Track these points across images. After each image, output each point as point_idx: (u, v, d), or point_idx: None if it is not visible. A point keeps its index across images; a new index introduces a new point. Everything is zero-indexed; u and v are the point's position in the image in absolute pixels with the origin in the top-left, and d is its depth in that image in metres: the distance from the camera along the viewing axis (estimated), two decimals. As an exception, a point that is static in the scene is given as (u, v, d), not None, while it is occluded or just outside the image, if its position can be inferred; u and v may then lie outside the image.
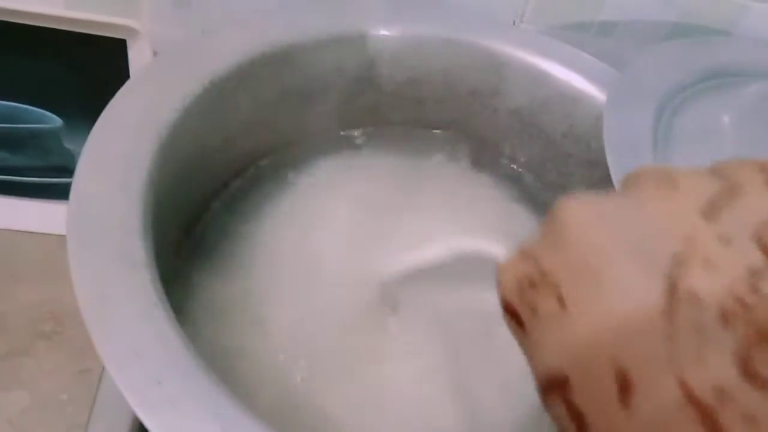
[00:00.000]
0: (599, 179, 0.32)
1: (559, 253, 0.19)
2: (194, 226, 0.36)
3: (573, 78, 0.38)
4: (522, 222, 0.40)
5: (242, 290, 0.34)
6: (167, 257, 0.31)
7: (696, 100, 0.37)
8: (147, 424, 0.20)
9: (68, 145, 0.49)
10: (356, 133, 0.42)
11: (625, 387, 0.17)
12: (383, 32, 0.38)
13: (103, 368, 0.43)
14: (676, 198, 0.18)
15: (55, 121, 0.48)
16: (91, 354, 0.44)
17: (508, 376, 0.32)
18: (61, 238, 0.49)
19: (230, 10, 0.44)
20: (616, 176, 0.32)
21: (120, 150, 0.28)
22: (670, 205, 0.18)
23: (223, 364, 0.31)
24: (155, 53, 0.45)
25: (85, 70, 0.47)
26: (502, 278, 0.21)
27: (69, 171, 0.50)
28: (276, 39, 0.35)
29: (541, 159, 0.41)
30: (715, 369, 0.16)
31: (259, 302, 0.33)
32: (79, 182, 0.26)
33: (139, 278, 0.24)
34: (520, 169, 0.43)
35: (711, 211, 0.17)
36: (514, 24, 0.45)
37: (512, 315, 0.20)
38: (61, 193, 0.50)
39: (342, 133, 0.42)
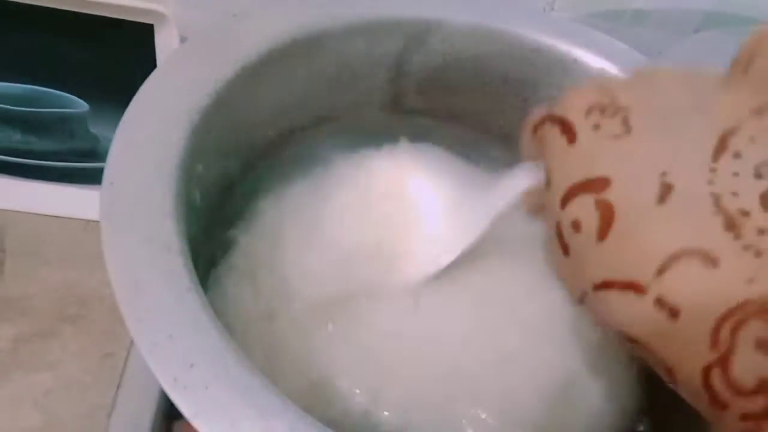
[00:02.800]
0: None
1: (639, 92, 0.21)
2: (224, 208, 0.36)
3: (606, 66, 0.37)
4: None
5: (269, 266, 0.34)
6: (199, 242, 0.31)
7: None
8: (179, 405, 0.20)
9: (94, 129, 0.50)
10: (386, 121, 0.42)
11: (665, 191, 0.19)
12: (414, 18, 0.38)
13: (128, 352, 0.44)
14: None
15: (81, 105, 0.49)
16: (116, 338, 0.45)
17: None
18: (86, 223, 0.50)
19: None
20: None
21: (152, 135, 0.28)
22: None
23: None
24: (182, 38, 0.45)
25: (111, 55, 0.47)
26: (572, 100, 0.23)
27: (95, 156, 0.51)
28: (307, 24, 0.35)
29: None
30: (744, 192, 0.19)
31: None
32: (111, 167, 0.26)
33: (173, 262, 0.24)
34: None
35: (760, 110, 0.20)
36: (545, 12, 0.44)
37: (565, 129, 0.22)
38: (86, 177, 0.50)
39: (373, 119, 0.41)
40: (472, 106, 0.42)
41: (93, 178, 0.50)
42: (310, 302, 0.32)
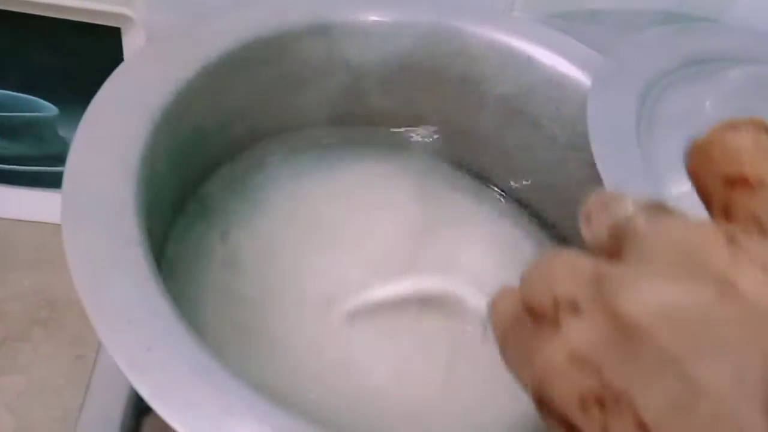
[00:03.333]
0: (585, 162, 0.32)
1: (632, 365, 0.15)
2: (187, 206, 0.37)
3: (559, 63, 0.39)
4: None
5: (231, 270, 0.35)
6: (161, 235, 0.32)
7: (679, 85, 0.38)
8: (137, 386, 0.21)
9: (63, 133, 0.50)
10: (347, 120, 0.43)
11: None
12: (373, 18, 0.39)
13: (97, 354, 0.44)
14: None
15: (50, 109, 0.49)
16: (87, 340, 0.45)
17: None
18: (56, 227, 0.50)
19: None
20: (600, 159, 0.32)
21: (113, 132, 0.29)
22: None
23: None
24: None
25: (80, 59, 0.47)
26: (556, 387, 0.17)
27: (64, 160, 0.51)
28: (267, 25, 0.36)
29: (528, 144, 0.42)
30: None
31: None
32: (72, 162, 0.27)
33: (133, 254, 0.25)
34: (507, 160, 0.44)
35: None
36: (504, 13, 0.45)
37: (568, 428, 0.17)
38: (56, 181, 0.50)
39: (334, 119, 0.43)
40: (432, 104, 0.43)
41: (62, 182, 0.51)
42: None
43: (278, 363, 0.32)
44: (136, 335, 0.23)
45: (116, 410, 0.38)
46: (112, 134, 0.28)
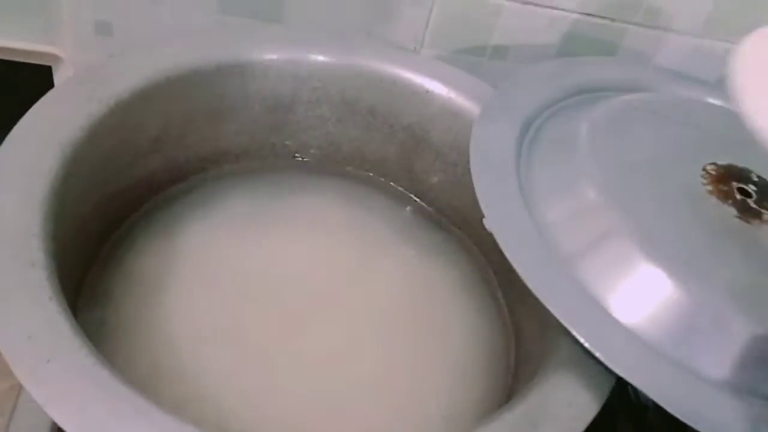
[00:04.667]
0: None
1: None
2: (106, 239, 0.39)
3: (453, 95, 0.42)
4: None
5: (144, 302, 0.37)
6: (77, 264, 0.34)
7: (561, 114, 0.41)
8: (34, 395, 0.23)
9: None
10: (265, 152, 0.46)
11: None
12: (283, 56, 0.42)
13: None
14: None
15: None
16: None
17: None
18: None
19: (151, 37, 0.47)
20: (478, 187, 0.35)
21: (24, 164, 0.31)
22: None
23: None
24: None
25: (11, 95, 0.49)
26: None
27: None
28: (180, 63, 0.39)
29: (431, 168, 0.45)
30: None
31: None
32: (-18, 193, 0.29)
33: (36, 275, 0.27)
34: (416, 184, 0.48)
35: None
36: (414, 50, 0.49)
37: None
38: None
39: (251, 151, 0.46)
40: (345, 134, 0.46)
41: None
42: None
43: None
44: (36, 349, 0.25)
45: None
46: (22, 166, 0.31)
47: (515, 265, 0.32)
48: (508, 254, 0.32)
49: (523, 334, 0.41)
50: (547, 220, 0.35)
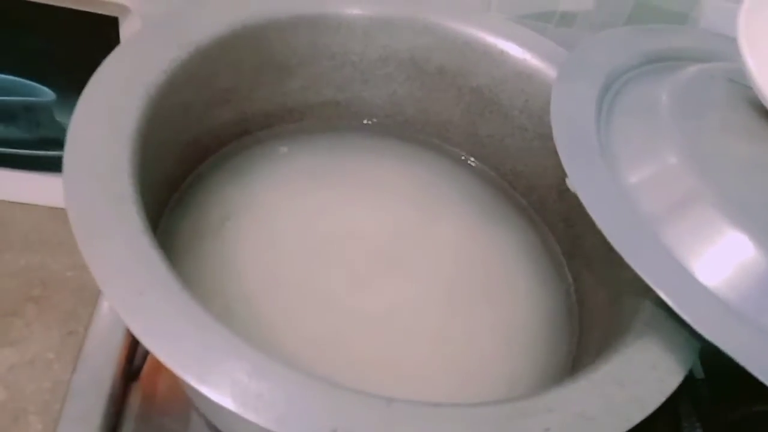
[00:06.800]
0: (552, 150, 0.35)
1: None
2: (182, 181, 0.39)
3: (528, 57, 0.42)
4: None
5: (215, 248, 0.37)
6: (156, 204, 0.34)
7: (639, 80, 0.41)
8: (129, 325, 0.24)
9: (60, 118, 0.51)
10: (329, 112, 0.46)
11: None
12: (355, 11, 0.42)
13: (88, 327, 0.46)
14: None
15: (47, 94, 0.50)
16: (78, 317, 0.47)
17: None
18: (51, 210, 0.52)
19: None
20: (561, 146, 0.35)
21: (111, 104, 0.31)
22: None
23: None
24: (145, 30, 0.48)
25: (78, 45, 0.49)
26: None
27: (60, 144, 0.52)
28: (255, 14, 0.39)
29: (501, 134, 0.45)
30: None
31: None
32: (74, 128, 0.29)
33: (127, 210, 0.27)
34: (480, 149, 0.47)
35: None
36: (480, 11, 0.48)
37: None
38: (52, 165, 0.52)
39: (317, 107, 0.45)
40: (411, 95, 0.46)
41: (58, 166, 0.52)
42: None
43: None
44: (129, 281, 0.25)
45: (106, 376, 0.40)
46: (110, 105, 0.31)
47: (600, 224, 0.31)
48: (592, 214, 0.31)
49: (587, 301, 0.41)
50: (629, 183, 0.34)
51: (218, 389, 0.23)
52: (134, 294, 0.25)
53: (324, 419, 0.23)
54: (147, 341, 0.24)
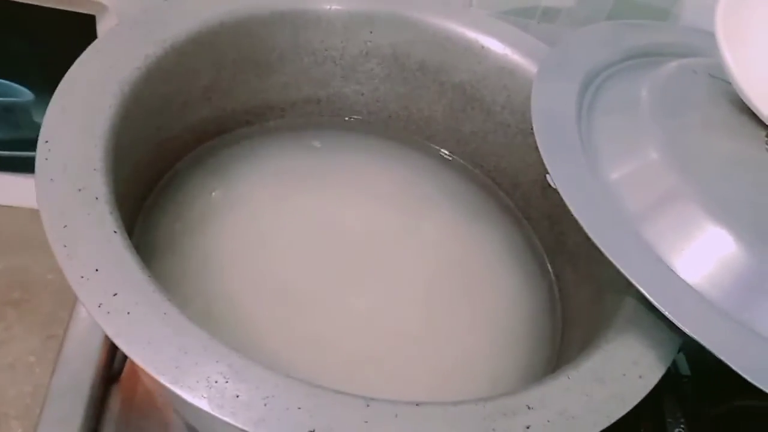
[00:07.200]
0: (534, 146, 0.34)
1: None
2: (154, 186, 0.39)
3: (509, 52, 0.41)
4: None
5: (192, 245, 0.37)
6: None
7: (620, 76, 0.40)
8: (104, 328, 0.23)
9: (38, 119, 0.50)
10: (311, 109, 0.46)
11: None
12: (335, 6, 0.41)
13: (66, 329, 0.46)
14: None
15: (25, 94, 0.49)
16: (58, 321, 0.46)
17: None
18: (31, 212, 0.51)
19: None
20: (541, 142, 0.35)
21: (85, 101, 0.30)
22: None
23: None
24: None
25: (56, 45, 0.48)
26: None
27: (38, 145, 0.52)
28: (234, 9, 0.38)
29: (483, 130, 0.45)
30: None
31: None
32: (47, 127, 0.29)
33: (100, 210, 0.27)
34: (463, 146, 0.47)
35: None
36: (462, 8, 0.48)
37: None
38: (31, 166, 0.51)
39: (298, 103, 0.45)
40: (393, 92, 0.45)
41: (38, 167, 0.51)
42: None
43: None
44: (103, 283, 0.25)
45: (86, 378, 0.40)
46: (83, 103, 0.30)
47: (581, 221, 0.31)
48: (573, 210, 0.31)
49: (570, 298, 0.41)
50: (610, 179, 0.34)
51: (194, 391, 0.23)
52: (108, 295, 0.24)
53: (302, 420, 0.23)
54: (121, 343, 0.23)
